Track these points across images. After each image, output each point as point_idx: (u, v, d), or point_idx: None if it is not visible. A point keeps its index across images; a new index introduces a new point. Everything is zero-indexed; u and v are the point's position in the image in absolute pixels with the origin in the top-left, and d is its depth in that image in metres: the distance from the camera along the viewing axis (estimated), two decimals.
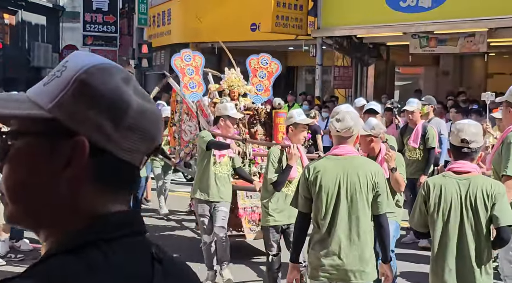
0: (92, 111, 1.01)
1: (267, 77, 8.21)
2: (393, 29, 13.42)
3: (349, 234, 3.91)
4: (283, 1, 14.06)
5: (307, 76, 20.60)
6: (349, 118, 3.93)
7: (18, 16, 31.54)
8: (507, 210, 3.71)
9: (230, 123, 6.60)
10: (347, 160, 3.95)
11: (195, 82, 7.98)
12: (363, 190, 3.90)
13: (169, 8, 19.40)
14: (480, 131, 3.93)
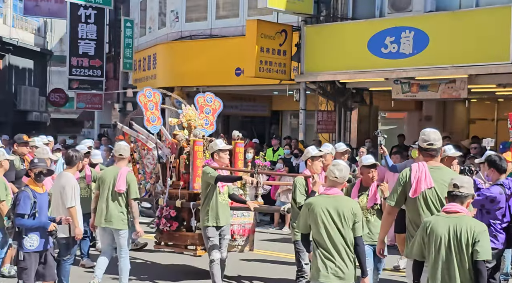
0: None
1: (211, 113, 9.62)
2: (375, 74, 13.57)
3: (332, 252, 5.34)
4: (267, 46, 14.22)
5: (292, 121, 20.70)
6: (345, 171, 5.50)
7: (5, 60, 31.65)
8: (486, 247, 4.62)
9: (223, 155, 7.90)
10: (336, 198, 5.44)
11: (155, 116, 9.10)
12: (346, 219, 5.35)
13: (155, 53, 19.57)
14: (470, 180, 4.92)
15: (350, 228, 5.35)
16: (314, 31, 14.51)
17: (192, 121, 8.97)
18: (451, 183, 4.80)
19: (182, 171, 8.80)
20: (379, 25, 13.41)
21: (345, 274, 5.34)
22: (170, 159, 8.92)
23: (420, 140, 5.48)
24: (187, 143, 8.83)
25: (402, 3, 13.47)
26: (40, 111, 34.08)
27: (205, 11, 18.07)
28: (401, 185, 5.44)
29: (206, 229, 7.83)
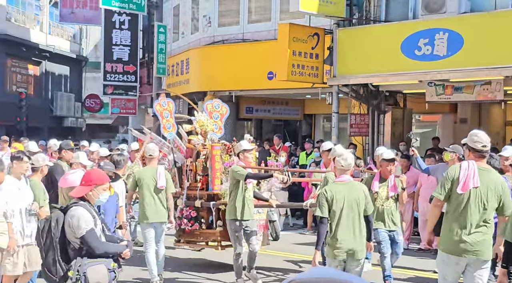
0: None
1: (219, 118, 10.24)
2: (409, 77, 13.45)
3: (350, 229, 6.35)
4: (299, 50, 14.19)
5: (325, 124, 20.64)
6: (350, 159, 6.53)
7: (42, 67, 32.30)
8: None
9: (248, 154, 8.55)
10: (348, 184, 6.48)
11: (170, 124, 9.78)
12: (359, 201, 6.39)
13: (188, 58, 19.72)
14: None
15: (362, 208, 6.40)
16: (347, 34, 14.45)
17: (205, 127, 9.61)
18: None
19: (199, 174, 9.40)
20: (413, 27, 13.28)
21: (359, 249, 6.38)
22: (186, 162, 9.49)
23: (470, 141, 5.78)
24: (203, 147, 9.44)
25: (436, 4, 13.32)
26: (75, 117, 34.65)
27: (237, 16, 18.15)
28: (449, 180, 5.75)
29: (232, 222, 8.37)
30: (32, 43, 30.46)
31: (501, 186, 5.75)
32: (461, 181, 5.63)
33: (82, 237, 5.03)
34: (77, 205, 5.16)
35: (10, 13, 29.60)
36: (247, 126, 22.50)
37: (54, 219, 5.11)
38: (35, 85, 32.12)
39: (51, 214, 5.24)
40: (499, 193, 5.70)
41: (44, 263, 5.14)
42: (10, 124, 26.22)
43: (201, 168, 9.38)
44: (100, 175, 5.52)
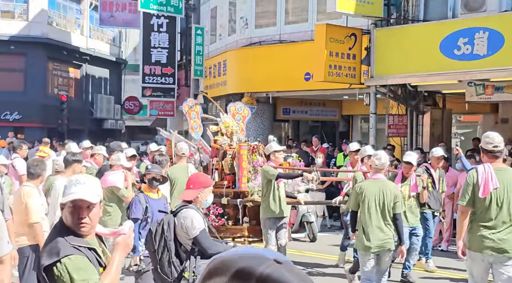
0: None
1: (242, 120, 10.71)
2: (448, 77, 13.26)
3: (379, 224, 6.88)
4: (336, 50, 14.13)
5: (363, 125, 20.50)
6: (384, 159, 7.03)
7: (82, 70, 32.88)
8: None
9: (278, 155, 8.86)
10: (381, 182, 7.01)
11: (197, 124, 10.43)
12: (389, 198, 6.89)
13: (225, 59, 19.81)
14: None
15: (391, 206, 6.87)
16: (384, 34, 14.33)
17: (230, 128, 10.06)
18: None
19: (226, 172, 9.75)
20: (452, 26, 13.09)
21: (387, 242, 6.89)
22: (212, 162, 9.89)
23: (483, 143, 6.05)
24: (229, 147, 9.84)
25: (476, 3, 13.11)
26: (115, 119, 35.15)
27: (274, 17, 18.16)
28: (470, 186, 6.03)
29: (267, 220, 8.67)
30: (73, 46, 31.03)
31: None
32: (481, 185, 5.91)
33: (195, 237, 5.12)
34: (187, 207, 5.26)
35: (52, 17, 30.21)
36: (284, 127, 22.49)
37: (165, 222, 5.25)
38: (75, 88, 32.71)
39: (162, 218, 5.33)
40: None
41: (158, 265, 5.24)
42: (51, 127, 26.75)
43: (228, 167, 9.69)
44: (206, 177, 5.63)
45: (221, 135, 10.08)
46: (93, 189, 3.25)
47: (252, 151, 9.80)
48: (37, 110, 27.66)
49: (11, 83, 28.36)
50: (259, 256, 1.10)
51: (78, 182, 3.22)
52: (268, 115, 19.30)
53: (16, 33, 28.27)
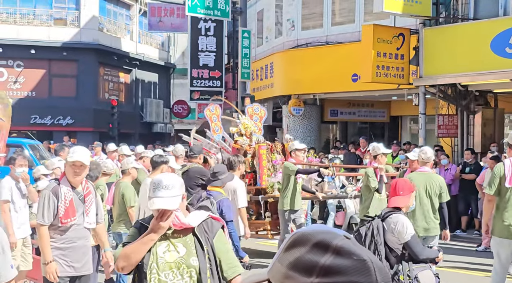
0: None
1: (259, 120, 11.27)
2: (500, 76, 12.96)
3: (424, 211, 7.65)
4: (384, 51, 13.99)
5: (412, 126, 20.22)
6: (429, 153, 7.96)
7: (132, 75, 33.41)
8: None
9: (299, 153, 9.66)
10: (427, 174, 7.82)
11: (218, 127, 11.20)
12: (435, 189, 7.67)
13: (272, 62, 19.84)
14: None
15: (437, 195, 7.65)
16: (433, 34, 14.10)
17: (249, 129, 10.60)
18: None
19: (247, 171, 10.17)
20: (503, 24, 12.80)
21: (431, 227, 7.63)
22: None
23: (510, 139, 7.02)
24: (249, 147, 10.37)
25: None
26: (164, 122, 35.58)
27: (321, 19, 18.10)
28: (497, 177, 6.93)
29: (285, 212, 9.38)
30: (123, 52, 31.57)
31: None
32: (507, 176, 6.80)
33: (406, 242, 5.25)
34: (396, 212, 5.39)
35: (102, 23, 30.82)
36: (332, 129, 22.38)
37: (375, 226, 5.38)
38: (126, 92, 33.27)
39: (371, 222, 5.45)
40: None
41: None
42: (103, 131, 27.27)
43: (249, 166, 10.21)
44: (410, 183, 5.75)
45: (241, 135, 10.64)
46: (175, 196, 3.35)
47: (271, 150, 10.39)
48: (88, 114, 28.26)
49: (64, 89, 29.06)
50: (332, 232, 1.34)
51: (165, 187, 3.31)
52: (315, 117, 19.24)
53: (68, 40, 28.95)
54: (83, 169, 5.51)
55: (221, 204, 6.72)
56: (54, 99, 28.51)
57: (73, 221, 5.51)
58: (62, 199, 5.48)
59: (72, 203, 5.52)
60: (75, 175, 5.51)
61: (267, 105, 20.10)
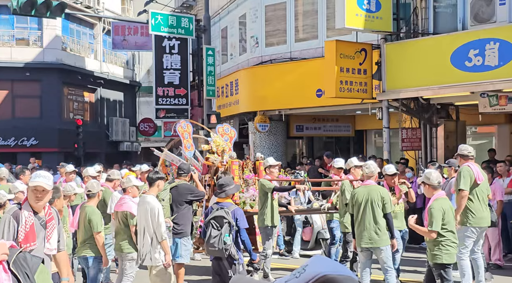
0: None
1: (229, 140, 11.27)
2: (460, 89, 13.21)
3: (370, 223, 8.06)
4: (347, 66, 14.16)
5: (377, 139, 20.43)
6: (372, 168, 8.38)
7: (97, 94, 33.14)
8: None
9: (273, 169, 10.17)
10: (370, 187, 8.28)
11: (189, 144, 11.07)
12: (378, 201, 8.11)
13: (237, 79, 19.90)
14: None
15: (380, 207, 8.05)
16: (395, 48, 14.33)
17: (221, 146, 10.70)
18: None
19: None
20: (462, 38, 13.07)
21: (375, 239, 8.01)
22: (204, 178, 10.46)
23: (460, 151, 8.88)
24: (221, 164, 10.47)
25: (485, 14, 13.11)
26: (131, 141, 35.32)
27: (284, 35, 18.25)
28: (467, 176, 8.52)
29: (266, 228, 9.83)
30: (87, 71, 31.32)
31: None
32: (476, 176, 8.53)
33: None
34: None
35: (66, 42, 30.55)
36: (298, 144, 22.48)
37: None
38: (91, 111, 32.96)
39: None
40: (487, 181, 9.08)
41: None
42: (68, 151, 26.93)
43: None
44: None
45: (212, 153, 10.71)
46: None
47: (243, 167, 10.50)
48: (53, 135, 27.89)
49: (27, 109, 28.65)
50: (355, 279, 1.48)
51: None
52: (281, 132, 19.32)
53: (31, 60, 28.61)
54: (45, 194, 5.41)
55: (235, 213, 7.27)
56: (17, 120, 28.10)
57: (33, 246, 5.40)
58: (22, 223, 5.37)
59: (33, 228, 5.42)
60: (37, 200, 5.41)
61: (233, 122, 20.13)
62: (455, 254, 7.35)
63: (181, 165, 9.69)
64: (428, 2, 14.44)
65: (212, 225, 7.17)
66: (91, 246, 8.02)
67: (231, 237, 7.10)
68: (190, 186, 9.42)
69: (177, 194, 9.13)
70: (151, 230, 7.72)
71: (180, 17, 20.46)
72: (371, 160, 15.82)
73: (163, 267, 7.79)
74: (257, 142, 18.91)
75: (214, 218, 7.17)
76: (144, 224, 7.78)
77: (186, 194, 9.16)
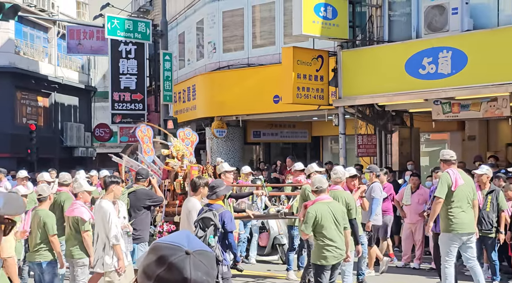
0: None
1: (190, 145, 11.31)
2: (414, 96, 13.45)
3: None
4: (304, 72, 14.26)
5: (333, 145, 20.63)
6: (339, 173, 8.51)
7: (51, 98, 32.56)
8: None
9: (229, 175, 10.11)
10: (336, 192, 8.29)
11: (149, 148, 11.07)
12: (343, 206, 7.98)
13: (194, 84, 19.83)
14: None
15: (345, 212, 7.82)
16: (351, 56, 14.51)
17: (181, 151, 10.60)
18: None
19: (178, 192, 10.22)
20: (416, 47, 13.32)
21: (344, 251, 7.68)
22: (164, 183, 10.35)
23: (442, 156, 8.64)
24: (180, 169, 10.34)
25: (439, 23, 13.37)
26: (86, 146, 34.80)
27: (242, 41, 18.28)
28: (445, 183, 8.32)
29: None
30: (41, 75, 30.75)
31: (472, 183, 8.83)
32: (453, 183, 8.30)
33: None
34: None
35: (19, 46, 29.95)
36: (255, 150, 22.52)
37: None
38: (45, 116, 32.36)
39: None
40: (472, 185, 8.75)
41: None
42: (21, 156, 26.36)
43: (180, 187, 10.19)
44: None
45: (172, 158, 10.60)
46: None
47: (202, 172, 10.34)
48: (5, 140, 27.26)
49: None
50: (176, 247, 1.65)
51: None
52: (238, 138, 19.33)
53: None
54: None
55: (223, 215, 7.32)
56: None
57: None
58: None
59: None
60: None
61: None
62: (322, 256, 7.49)
63: (140, 170, 9.63)
64: (383, 11, 14.68)
65: (200, 225, 7.30)
66: (45, 250, 7.87)
67: (216, 239, 7.22)
68: (148, 191, 9.37)
69: (135, 199, 9.08)
70: (104, 235, 7.66)
71: (137, 21, 20.31)
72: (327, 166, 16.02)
73: (115, 272, 7.69)
74: (214, 148, 18.87)
75: (202, 219, 7.33)
76: (98, 229, 7.74)
77: (144, 199, 9.11)
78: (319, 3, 13.45)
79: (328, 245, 7.48)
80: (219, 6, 18.77)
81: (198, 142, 11.89)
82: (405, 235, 12.07)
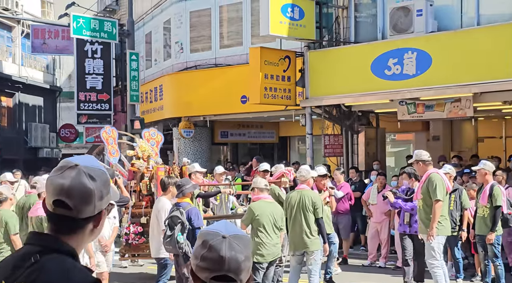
0: None
1: (155, 145, 11.34)
2: (380, 96, 13.59)
3: (301, 228, 8.32)
4: (271, 73, 14.29)
5: (300, 146, 20.72)
6: (304, 172, 8.52)
7: (15, 98, 32.02)
8: None
9: (199, 175, 10.31)
10: (302, 191, 8.40)
11: (114, 149, 11.04)
12: (309, 205, 8.25)
13: (161, 84, 19.73)
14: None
15: (311, 211, 8.19)
16: (317, 56, 14.59)
17: (147, 152, 10.62)
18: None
19: (144, 193, 10.28)
20: (382, 48, 13.47)
21: (307, 243, 8.20)
22: (130, 184, 10.37)
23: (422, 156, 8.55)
24: (146, 169, 10.36)
25: (404, 25, 13.53)
26: (51, 147, 34.30)
27: (209, 41, 18.25)
28: (441, 185, 8.29)
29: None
30: (4, 75, 30.21)
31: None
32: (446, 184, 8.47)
33: None
34: None
35: None
36: (223, 150, 22.49)
37: None
38: (8, 117, 31.80)
39: None
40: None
41: None
42: None
43: (146, 188, 10.25)
44: None
45: (138, 159, 10.64)
46: None
47: (169, 172, 10.31)
48: None
49: None
50: (214, 233, 2.02)
51: None
52: (206, 139, 19.29)
53: None
54: None
55: (189, 212, 7.47)
56: None
57: None
58: None
59: None
60: None
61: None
62: (257, 253, 7.75)
63: (106, 170, 9.55)
64: (350, 12, 14.81)
65: (169, 224, 7.46)
66: (8, 251, 7.76)
67: (184, 236, 7.34)
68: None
69: None
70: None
71: (103, 21, 20.11)
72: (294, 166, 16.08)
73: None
74: (182, 148, 18.80)
75: (171, 218, 7.48)
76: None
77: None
78: (286, 4, 13.50)
79: (264, 242, 7.77)
80: (186, 6, 18.71)
81: (164, 142, 11.92)
82: (371, 234, 12.20)
